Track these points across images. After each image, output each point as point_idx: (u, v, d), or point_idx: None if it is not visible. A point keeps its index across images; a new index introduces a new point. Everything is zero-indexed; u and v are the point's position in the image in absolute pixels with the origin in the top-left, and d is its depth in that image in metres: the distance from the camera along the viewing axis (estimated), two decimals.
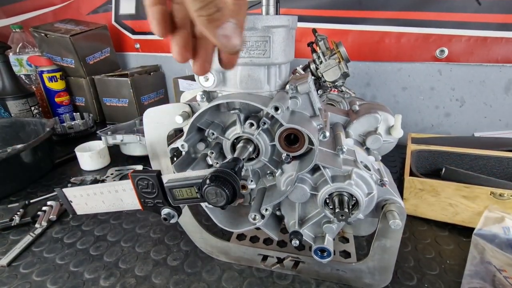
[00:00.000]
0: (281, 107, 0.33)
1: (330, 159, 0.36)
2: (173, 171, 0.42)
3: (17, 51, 1.15)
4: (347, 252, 0.48)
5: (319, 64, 0.61)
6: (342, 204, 0.36)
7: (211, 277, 0.45)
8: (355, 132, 0.43)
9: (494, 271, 0.42)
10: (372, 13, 0.88)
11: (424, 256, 0.48)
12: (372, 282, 0.42)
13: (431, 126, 0.95)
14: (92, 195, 0.37)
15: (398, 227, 0.34)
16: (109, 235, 0.55)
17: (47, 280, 0.45)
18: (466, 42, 0.82)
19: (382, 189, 0.37)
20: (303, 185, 0.37)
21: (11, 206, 0.61)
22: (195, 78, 0.38)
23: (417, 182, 0.55)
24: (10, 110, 0.97)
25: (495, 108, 0.86)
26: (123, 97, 1.11)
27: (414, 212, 0.57)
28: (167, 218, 0.36)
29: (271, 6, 0.35)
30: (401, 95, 0.95)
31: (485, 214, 0.51)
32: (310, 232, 0.41)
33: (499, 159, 0.62)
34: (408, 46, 0.88)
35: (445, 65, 0.87)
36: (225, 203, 0.30)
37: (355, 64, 0.94)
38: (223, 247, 0.47)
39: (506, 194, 0.50)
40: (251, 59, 0.35)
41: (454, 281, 0.43)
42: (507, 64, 0.80)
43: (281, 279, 0.45)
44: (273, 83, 0.38)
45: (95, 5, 1.26)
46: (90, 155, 0.79)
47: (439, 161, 0.67)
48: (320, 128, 0.38)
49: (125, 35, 1.27)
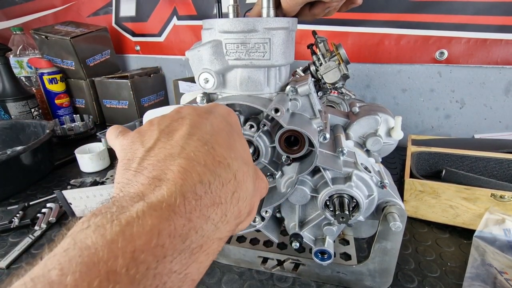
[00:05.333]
0: (281, 109, 0.33)
1: (330, 161, 0.36)
2: None
3: (18, 53, 1.16)
4: (348, 254, 0.48)
5: (319, 66, 0.61)
6: (343, 206, 0.35)
7: (211, 279, 0.45)
8: (355, 134, 0.43)
9: (495, 273, 0.42)
10: (372, 15, 0.88)
11: (425, 258, 0.48)
12: (373, 284, 0.42)
13: (431, 128, 0.95)
14: (91, 197, 0.37)
15: (398, 229, 0.34)
16: None
17: None
18: (466, 44, 0.82)
19: (383, 191, 0.37)
20: (303, 187, 0.37)
21: (11, 208, 0.61)
22: (195, 80, 0.38)
23: (418, 184, 0.55)
24: (10, 112, 0.97)
25: (495, 110, 0.86)
26: (123, 99, 1.11)
27: (414, 214, 0.57)
28: None
29: (271, 8, 0.36)
30: (401, 97, 0.95)
31: (485, 216, 0.51)
32: (310, 234, 0.41)
33: (499, 161, 0.62)
34: (407, 48, 0.88)
35: (445, 67, 0.87)
36: None
37: (355, 66, 0.94)
38: (223, 249, 0.47)
39: (507, 196, 0.50)
40: (251, 61, 0.35)
41: (455, 284, 0.43)
42: (507, 66, 0.80)
43: (281, 281, 0.44)
44: (273, 85, 0.38)
45: (96, 7, 1.26)
46: (90, 157, 0.79)
47: (439, 163, 0.67)
48: (320, 130, 0.38)
49: (125, 37, 1.27)
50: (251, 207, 0.22)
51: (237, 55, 0.35)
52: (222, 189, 0.18)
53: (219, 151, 0.19)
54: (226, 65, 0.36)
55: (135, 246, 0.13)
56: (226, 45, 0.35)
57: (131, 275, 0.12)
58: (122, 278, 0.12)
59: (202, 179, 0.17)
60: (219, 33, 0.35)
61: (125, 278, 0.12)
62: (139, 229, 0.13)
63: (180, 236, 0.15)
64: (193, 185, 0.17)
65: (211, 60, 0.36)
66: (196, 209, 0.16)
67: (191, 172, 0.17)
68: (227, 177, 0.19)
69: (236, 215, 0.20)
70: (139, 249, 0.13)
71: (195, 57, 0.37)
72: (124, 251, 0.13)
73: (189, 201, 0.16)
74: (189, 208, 0.16)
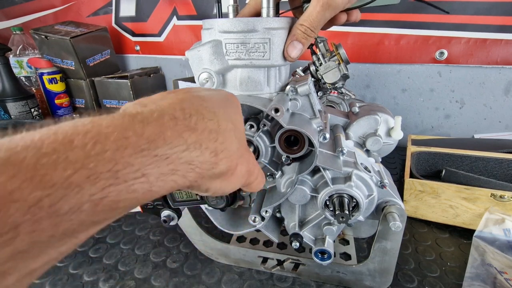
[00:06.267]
0: (281, 109, 0.33)
1: (330, 161, 0.36)
2: None
3: (18, 53, 1.16)
4: (348, 254, 0.48)
5: (318, 66, 0.61)
6: (343, 206, 0.35)
7: (211, 279, 0.45)
8: (355, 134, 0.43)
9: (495, 273, 0.42)
10: (372, 15, 0.88)
11: (425, 258, 0.48)
12: (373, 284, 0.42)
13: (431, 127, 0.95)
14: None
15: (398, 229, 0.34)
16: (109, 237, 0.55)
17: (46, 283, 0.45)
18: (466, 44, 0.82)
19: (382, 191, 0.37)
20: (303, 187, 0.37)
21: None
22: (195, 80, 0.38)
23: (417, 184, 0.55)
24: (10, 112, 0.97)
25: (495, 109, 0.86)
26: (123, 99, 1.11)
27: (414, 214, 0.57)
28: (166, 220, 0.35)
29: (271, 8, 0.36)
30: (401, 96, 0.95)
31: (485, 216, 0.51)
32: (310, 234, 0.41)
33: (499, 161, 0.62)
34: (407, 48, 0.88)
35: (444, 67, 0.87)
36: (225, 205, 0.30)
37: (355, 66, 0.94)
38: (223, 249, 0.47)
39: (507, 196, 0.50)
40: (251, 61, 0.35)
41: (455, 283, 0.43)
42: (507, 66, 0.80)
43: (281, 281, 0.44)
44: (273, 85, 0.38)
45: (96, 7, 1.26)
46: None
47: (439, 163, 0.67)
48: (320, 129, 0.38)
49: (125, 37, 1.27)
50: (232, 166, 0.22)
51: (237, 55, 0.35)
52: (201, 121, 0.20)
53: (209, 103, 0.21)
54: (226, 65, 0.36)
55: (100, 130, 0.15)
56: (226, 45, 0.35)
57: (87, 150, 0.14)
58: (78, 151, 0.14)
59: (184, 108, 0.19)
60: (219, 33, 0.35)
61: (80, 151, 0.14)
62: (109, 122, 0.16)
63: (147, 138, 0.16)
64: (174, 110, 0.19)
65: (211, 60, 0.36)
66: (169, 126, 0.18)
67: (175, 103, 0.19)
68: (209, 117, 0.20)
69: (212, 156, 0.20)
70: (103, 133, 0.15)
71: (195, 57, 0.37)
72: (89, 132, 0.14)
73: (164, 118, 0.18)
74: (162, 121, 0.17)
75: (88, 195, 0.14)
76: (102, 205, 0.14)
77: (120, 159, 0.15)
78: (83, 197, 0.13)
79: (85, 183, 0.13)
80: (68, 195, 0.13)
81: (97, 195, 0.14)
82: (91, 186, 0.14)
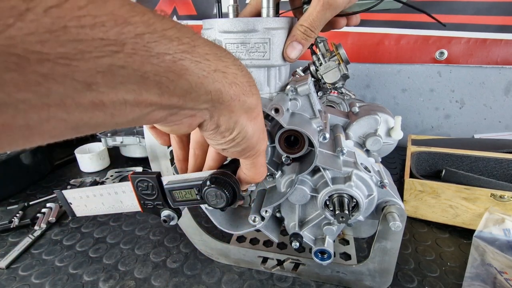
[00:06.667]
0: (281, 109, 0.33)
1: (330, 160, 0.36)
2: (173, 172, 0.42)
3: None
4: (348, 254, 0.48)
5: (318, 66, 0.61)
6: (342, 205, 0.35)
7: (211, 279, 0.45)
8: (355, 134, 0.43)
9: (495, 273, 0.42)
10: (372, 15, 0.89)
11: (425, 258, 0.48)
12: (373, 284, 0.42)
13: (431, 127, 0.95)
14: (91, 197, 0.37)
15: (398, 229, 0.34)
16: (109, 237, 0.55)
17: (46, 283, 0.45)
18: (466, 44, 0.82)
19: (382, 191, 0.37)
20: (303, 187, 0.37)
21: (11, 208, 0.61)
22: None
23: (417, 183, 0.55)
24: None
25: (495, 109, 0.86)
26: None
27: (414, 214, 0.57)
28: (166, 220, 0.35)
29: (271, 8, 0.36)
30: (401, 96, 0.95)
31: (485, 216, 0.51)
32: (310, 234, 0.41)
33: (499, 161, 0.62)
34: (407, 48, 0.88)
35: (444, 67, 0.87)
36: (225, 205, 0.30)
37: (355, 65, 0.94)
38: (223, 249, 0.47)
39: (507, 196, 0.50)
40: (251, 61, 0.35)
41: (455, 283, 0.43)
42: (507, 66, 0.80)
43: (281, 281, 0.44)
44: (273, 85, 0.38)
45: None
46: (90, 157, 0.79)
47: (439, 163, 0.67)
48: (320, 129, 0.38)
49: None
50: (258, 106, 0.25)
51: (237, 55, 0.35)
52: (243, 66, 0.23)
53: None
54: None
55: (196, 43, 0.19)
56: (226, 45, 0.35)
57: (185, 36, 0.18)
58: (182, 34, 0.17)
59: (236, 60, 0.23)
60: (219, 33, 0.35)
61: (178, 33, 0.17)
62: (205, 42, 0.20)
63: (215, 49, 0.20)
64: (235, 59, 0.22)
65: None
66: (229, 54, 0.22)
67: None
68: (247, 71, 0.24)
69: (247, 85, 0.23)
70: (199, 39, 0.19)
71: None
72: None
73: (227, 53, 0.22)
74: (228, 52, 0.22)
75: (173, 51, 0.17)
76: (176, 65, 0.17)
77: (203, 55, 0.19)
78: (169, 49, 0.17)
79: (173, 42, 0.17)
80: (160, 43, 0.16)
81: (177, 55, 0.17)
82: (175, 47, 0.17)
